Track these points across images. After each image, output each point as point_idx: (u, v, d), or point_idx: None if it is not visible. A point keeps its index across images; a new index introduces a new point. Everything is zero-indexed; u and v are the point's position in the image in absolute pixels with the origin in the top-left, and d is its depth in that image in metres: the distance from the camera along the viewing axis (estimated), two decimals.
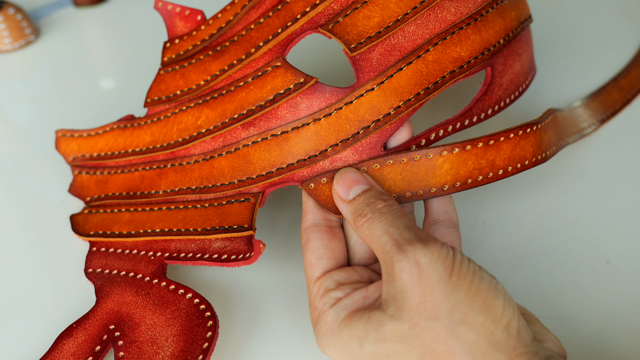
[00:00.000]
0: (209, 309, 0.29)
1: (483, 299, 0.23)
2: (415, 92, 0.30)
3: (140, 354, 0.28)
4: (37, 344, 0.31)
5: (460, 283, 0.23)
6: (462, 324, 0.23)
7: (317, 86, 0.30)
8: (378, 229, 0.26)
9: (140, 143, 0.35)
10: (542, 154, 0.32)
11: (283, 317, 0.32)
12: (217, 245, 0.31)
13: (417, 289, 0.23)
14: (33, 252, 0.36)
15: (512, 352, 0.22)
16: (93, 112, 0.46)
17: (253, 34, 0.32)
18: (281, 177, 0.30)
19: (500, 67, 0.32)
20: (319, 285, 0.28)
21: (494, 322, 0.23)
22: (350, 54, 0.29)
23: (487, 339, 0.23)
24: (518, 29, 0.33)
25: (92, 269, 0.33)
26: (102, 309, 0.30)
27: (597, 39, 0.52)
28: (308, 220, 0.30)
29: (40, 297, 0.33)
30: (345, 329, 0.25)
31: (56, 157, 0.42)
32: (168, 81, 0.35)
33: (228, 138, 0.32)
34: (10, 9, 0.52)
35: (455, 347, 0.23)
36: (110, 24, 0.58)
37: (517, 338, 0.23)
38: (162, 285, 0.31)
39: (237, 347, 0.30)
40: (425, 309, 0.23)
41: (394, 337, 0.24)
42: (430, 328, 0.23)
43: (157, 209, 0.34)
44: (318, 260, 0.28)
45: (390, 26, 0.29)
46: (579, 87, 0.46)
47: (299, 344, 0.30)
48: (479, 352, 0.22)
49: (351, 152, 0.30)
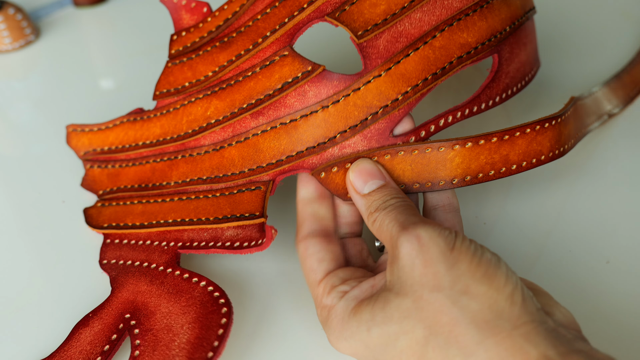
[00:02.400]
0: (223, 296, 0.29)
1: (484, 270, 0.23)
2: (422, 77, 0.30)
3: (157, 341, 0.28)
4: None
5: (462, 257, 0.23)
6: (465, 294, 0.23)
7: (325, 74, 0.30)
8: (388, 221, 0.26)
9: (151, 135, 0.36)
10: (560, 148, 0.31)
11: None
12: (230, 233, 0.31)
13: (418, 261, 0.24)
14: (36, 251, 0.36)
15: (516, 320, 0.22)
16: (93, 112, 0.46)
17: (260, 24, 0.32)
18: (291, 164, 0.31)
19: (507, 54, 0.32)
20: (323, 285, 0.28)
21: (497, 291, 0.23)
22: (357, 41, 0.29)
23: (491, 307, 0.23)
24: (523, 18, 0.33)
25: (106, 260, 0.33)
26: (117, 298, 0.31)
27: (597, 39, 0.51)
28: (305, 229, 0.30)
29: (47, 293, 0.33)
30: (355, 316, 0.26)
31: (56, 157, 0.42)
32: (176, 73, 0.35)
33: (237, 128, 0.32)
34: (10, 9, 0.52)
35: (458, 317, 0.23)
36: (110, 24, 0.58)
37: (522, 307, 0.23)
38: (176, 274, 0.31)
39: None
40: (427, 281, 0.23)
41: (399, 313, 0.24)
42: (433, 300, 0.23)
43: (169, 200, 0.34)
44: (319, 263, 0.29)
45: (397, 13, 0.30)
46: (579, 87, 0.45)
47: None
48: (483, 321, 0.22)
49: (360, 139, 0.30)
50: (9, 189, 0.40)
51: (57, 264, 0.35)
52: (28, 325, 0.32)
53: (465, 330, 0.22)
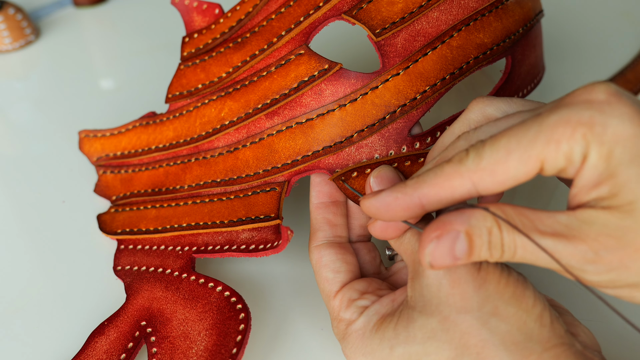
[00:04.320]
0: (240, 301, 0.28)
1: (513, 291, 0.23)
2: (441, 77, 0.29)
3: (174, 349, 0.28)
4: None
5: (489, 277, 0.23)
6: (494, 315, 0.22)
7: (342, 72, 0.29)
8: (410, 234, 0.25)
9: (164, 139, 0.35)
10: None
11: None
12: (245, 236, 0.30)
13: (445, 281, 0.23)
14: (36, 251, 0.35)
15: (546, 343, 0.22)
16: (93, 112, 0.46)
17: (274, 24, 0.31)
18: (307, 164, 0.30)
19: (520, 56, 0.32)
20: (340, 297, 0.27)
21: (526, 313, 0.22)
22: (375, 39, 0.29)
23: (520, 329, 0.22)
24: (534, 20, 0.33)
25: (120, 266, 0.33)
26: (132, 306, 0.30)
27: (597, 39, 0.51)
28: (319, 237, 0.29)
29: (47, 293, 0.33)
30: (377, 333, 0.25)
31: (56, 157, 0.42)
32: (189, 75, 0.35)
33: (252, 129, 0.32)
34: (10, 9, 0.52)
35: (488, 339, 0.22)
36: (110, 24, 0.58)
37: (551, 329, 0.22)
38: (192, 279, 0.30)
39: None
40: (454, 302, 0.23)
41: (423, 334, 0.23)
42: (461, 321, 0.23)
43: (183, 204, 0.33)
44: (335, 274, 0.28)
45: (415, 12, 0.29)
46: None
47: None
48: (512, 342, 0.22)
49: (377, 138, 0.29)
50: (9, 189, 0.40)
51: (57, 264, 0.35)
52: (28, 326, 0.31)
53: (494, 353, 0.22)
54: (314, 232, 0.29)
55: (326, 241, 0.29)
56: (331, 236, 0.29)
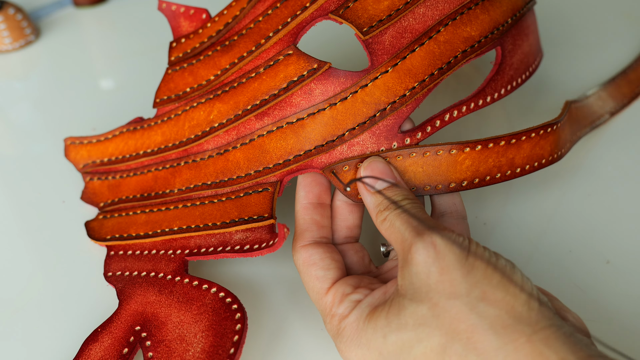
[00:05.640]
0: (236, 302, 0.28)
1: (500, 276, 0.23)
2: (429, 72, 0.30)
3: (170, 352, 0.27)
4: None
5: (477, 264, 0.23)
6: (482, 300, 0.23)
7: (331, 71, 0.30)
8: (400, 223, 0.26)
9: (152, 144, 0.35)
10: (558, 152, 0.32)
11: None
12: (238, 237, 0.30)
13: (434, 268, 0.23)
14: (35, 251, 0.35)
15: (535, 325, 0.22)
16: (93, 112, 0.46)
17: (262, 26, 0.32)
18: (299, 164, 0.30)
19: (510, 46, 0.32)
20: (333, 293, 0.27)
21: (514, 297, 0.23)
22: (362, 37, 0.29)
23: (509, 312, 0.22)
24: (524, 9, 0.33)
25: (111, 272, 0.32)
26: (126, 311, 0.30)
27: (598, 39, 0.52)
28: (306, 237, 0.29)
29: (47, 294, 0.32)
30: (370, 323, 0.25)
31: (56, 157, 0.41)
32: (177, 80, 0.35)
33: (242, 130, 0.32)
34: (10, 9, 0.52)
35: (477, 323, 0.22)
36: (110, 24, 0.58)
37: (539, 311, 0.22)
38: (185, 282, 0.30)
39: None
40: (443, 288, 0.23)
41: (414, 320, 0.24)
42: (450, 307, 0.23)
43: (173, 208, 0.33)
44: (326, 271, 0.28)
45: (401, 9, 0.30)
46: (579, 87, 0.45)
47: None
48: (502, 326, 0.22)
49: (368, 136, 0.30)
50: (8, 189, 0.40)
51: (57, 264, 0.34)
52: (27, 326, 0.31)
53: (484, 337, 0.22)
54: (300, 233, 0.30)
55: (313, 241, 0.29)
56: (318, 237, 0.29)
